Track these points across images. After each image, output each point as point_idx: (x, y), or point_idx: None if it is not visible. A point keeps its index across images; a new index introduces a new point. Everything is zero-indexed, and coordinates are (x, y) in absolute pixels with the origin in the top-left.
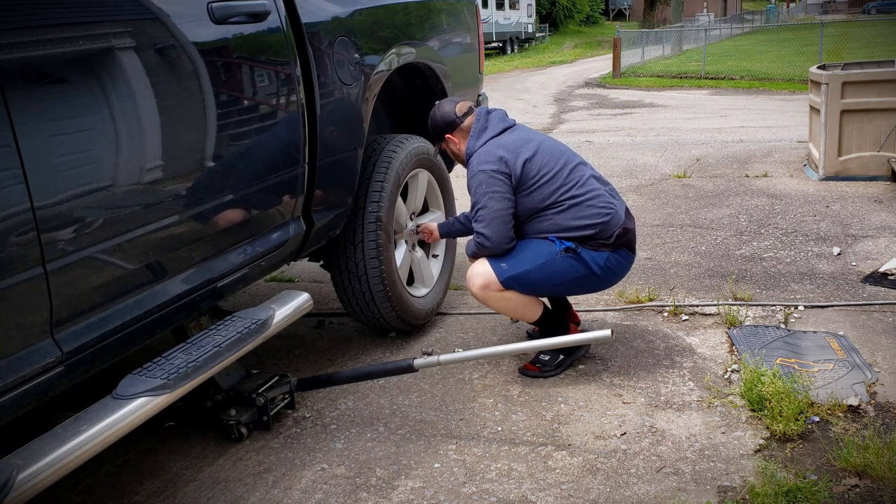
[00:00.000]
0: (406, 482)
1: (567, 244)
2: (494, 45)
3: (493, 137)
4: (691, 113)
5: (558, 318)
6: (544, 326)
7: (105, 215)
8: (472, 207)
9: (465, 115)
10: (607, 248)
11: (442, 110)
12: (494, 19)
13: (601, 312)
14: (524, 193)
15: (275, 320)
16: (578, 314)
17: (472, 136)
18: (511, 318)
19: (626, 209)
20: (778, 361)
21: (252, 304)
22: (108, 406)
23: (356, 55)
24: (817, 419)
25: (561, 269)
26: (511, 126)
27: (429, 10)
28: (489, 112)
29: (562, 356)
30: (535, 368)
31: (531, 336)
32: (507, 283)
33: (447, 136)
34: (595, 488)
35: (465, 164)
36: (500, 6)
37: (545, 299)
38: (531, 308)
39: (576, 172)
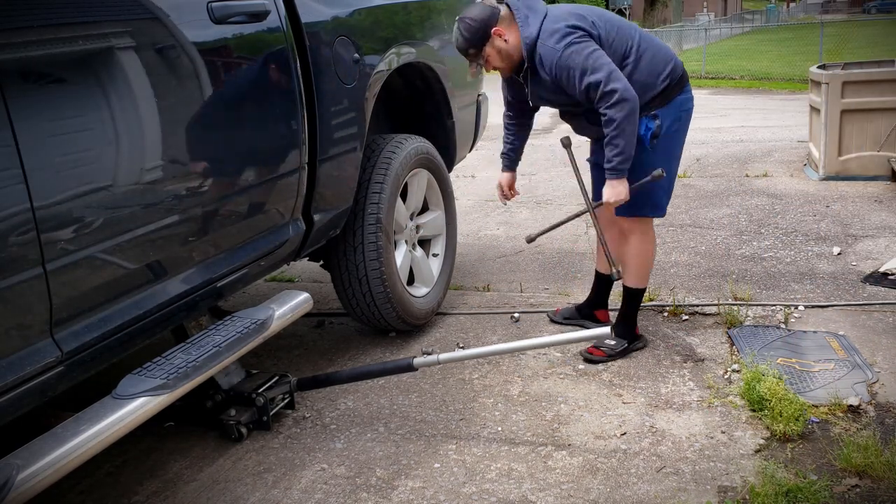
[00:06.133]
0: (406, 482)
1: (650, 127)
2: None
3: (545, 16)
4: None
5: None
6: (633, 306)
7: (105, 215)
8: (585, 83)
9: (497, 3)
10: (679, 89)
11: (473, 11)
12: None
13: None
14: (610, 43)
15: (274, 320)
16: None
17: (523, 23)
18: (513, 317)
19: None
20: (779, 361)
21: (252, 304)
22: (108, 406)
23: (356, 55)
24: (817, 420)
25: (668, 151)
26: (548, 6)
27: (429, 9)
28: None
29: (625, 343)
30: (601, 353)
31: (552, 320)
32: (656, 210)
33: (493, 30)
34: (595, 488)
35: (523, 57)
36: None
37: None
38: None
39: (629, 25)
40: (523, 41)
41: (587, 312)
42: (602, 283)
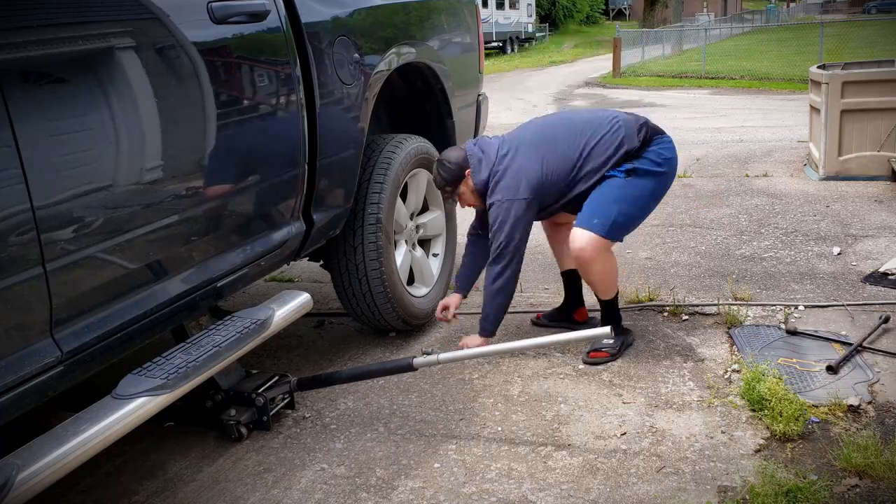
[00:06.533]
0: (406, 482)
1: (622, 169)
2: (494, 44)
3: (495, 161)
4: (691, 112)
5: (569, 313)
6: (611, 309)
7: (105, 215)
8: (493, 234)
9: (464, 150)
10: (646, 145)
11: (451, 154)
12: (494, 19)
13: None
14: (551, 179)
15: (275, 320)
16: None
17: (475, 169)
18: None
19: (630, 113)
20: (780, 361)
21: (252, 304)
22: (108, 406)
23: (356, 55)
24: (817, 420)
25: (638, 190)
26: (500, 144)
27: (429, 9)
28: (475, 143)
29: (621, 339)
30: (605, 354)
31: (535, 324)
32: (610, 233)
33: (467, 172)
34: (595, 488)
35: (482, 196)
36: (500, 6)
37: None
38: (616, 277)
39: (572, 119)
40: (476, 185)
41: (568, 316)
42: (570, 283)
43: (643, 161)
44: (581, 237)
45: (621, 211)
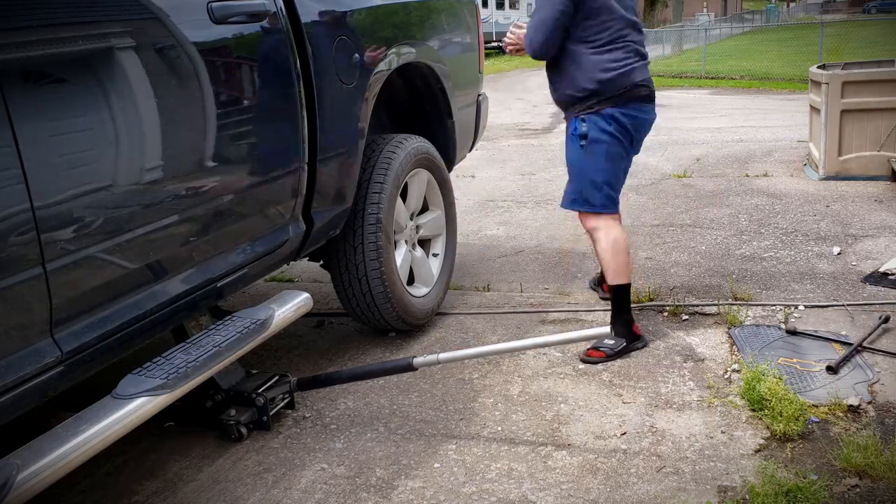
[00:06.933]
0: (406, 482)
1: (577, 129)
2: (494, 44)
3: None
4: (691, 112)
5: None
6: (618, 299)
7: (105, 215)
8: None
9: None
10: (636, 100)
11: None
12: (494, 19)
13: (602, 312)
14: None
15: (275, 320)
16: (578, 312)
17: None
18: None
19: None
20: (780, 361)
21: (252, 304)
22: (108, 406)
23: (356, 55)
24: (817, 420)
25: (596, 154)
26: None
27: (429, 9)
28: None
29: (623, 342)
30: (601, 354)
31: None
32: (589, 205)
33: None
34: (595, 488)
35: None
36: (500, 6)
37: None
38: (622, 259)
39: (618, 12)
40: None
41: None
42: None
43: (597, 120)
44: (581, 218)
45: (589, 177)
